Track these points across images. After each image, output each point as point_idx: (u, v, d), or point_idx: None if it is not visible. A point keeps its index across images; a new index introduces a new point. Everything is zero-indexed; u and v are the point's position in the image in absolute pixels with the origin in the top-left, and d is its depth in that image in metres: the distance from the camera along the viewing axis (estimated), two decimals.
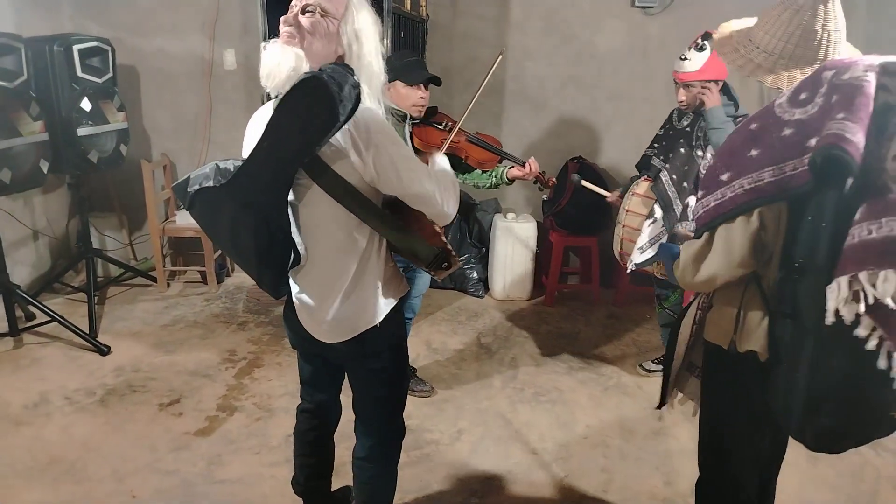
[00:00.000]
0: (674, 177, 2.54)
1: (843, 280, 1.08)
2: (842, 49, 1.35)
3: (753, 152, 1.23)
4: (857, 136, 1.08)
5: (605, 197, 2.88)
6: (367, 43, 1.42)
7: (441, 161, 1.64)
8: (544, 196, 4.07)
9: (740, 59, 1.44)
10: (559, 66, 4.05)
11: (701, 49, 2.46)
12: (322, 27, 1.37)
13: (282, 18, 1.39)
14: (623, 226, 2.69)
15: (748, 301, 1.36)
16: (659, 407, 1.80)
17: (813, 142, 1.14)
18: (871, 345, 1.13)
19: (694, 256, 1.34)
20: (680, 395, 1.83)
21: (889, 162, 1.07)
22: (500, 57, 2.40)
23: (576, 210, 3.87)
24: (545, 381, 3.03)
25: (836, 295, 1.09)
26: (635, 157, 4.11)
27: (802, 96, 1.20)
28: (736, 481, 1.57)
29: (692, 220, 1.43)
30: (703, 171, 2.36)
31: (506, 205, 4.31)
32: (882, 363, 1.13)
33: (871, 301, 1.07)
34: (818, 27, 1.31)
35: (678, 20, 3.86)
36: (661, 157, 2.70)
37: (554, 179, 2.63)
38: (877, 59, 1.16)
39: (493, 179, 2.53)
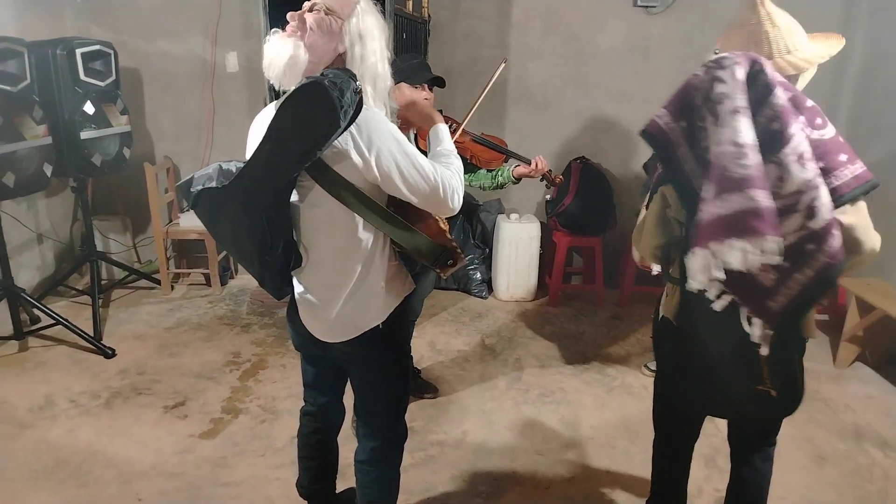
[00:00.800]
0: None
1: (699, 250, 1.25)
2: (797, 39, 1.48)
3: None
4: (662, 119, 1.41)
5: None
6: (371, 44, 1.42)
7: (443, 132, 1.60)
8: (547, 196, 4.08)
9: None
10: (561, 67, 4.04)
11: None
12: (325, 24, 1.38)
13: (288, 14, 1.41)
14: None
15: (676, 274, 1.56)
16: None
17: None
18: (719, 305, 1.32)
19: (636, 230, 1.63)
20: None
21: (726, 145, 1.24)
22: (503, 65, 2.40)
23: (579, 210, 3.87)
24: (550, 382, 3.02)
25: (695, 264, 1.26)
26: (638, 156, 4.14)
27: None
28: (668, 430, 1.86)
29: None
30: None
31: (509, 205, 4.30)
32: (746, 327, 1.32)
33: (719, 270, 1.23)
34: (767, 28, 1.47)
35: (680, 20, 3.86)
36: None
37: (560, 177, 2.61)
38: (714, 57, 1.35)
39: (500, 179, 2.51)
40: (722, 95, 1.27)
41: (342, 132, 1.28)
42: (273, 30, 1.40)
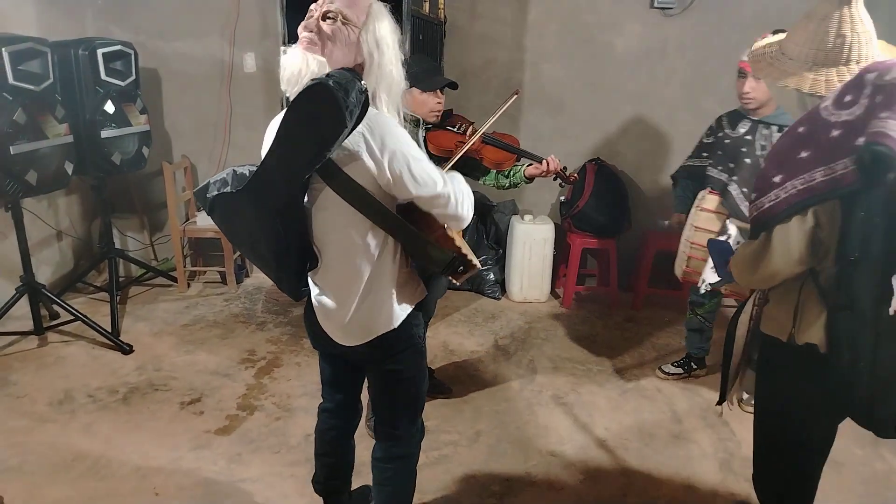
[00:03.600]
0: (744, 190, 2.44)
1: None
2: (873, 49, 1.39)
3: (804, 154, 1.30)
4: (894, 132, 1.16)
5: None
6: (388, 52, 1.42)
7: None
8: (562, 197, 4.07)
9: (774, 72, 1.50)
10: (577, 69, 4.03)
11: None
12: (343, 35, 1.37)
13: (302, 24, 1.39)
14: (691, 244, 2.44)
15: (806, 296, 1.43)
16: (719, 403, 1.85)
17: (861, 141, 1.21)
18: None
19: (753, 257, 1.41)
20: (745, 395, 1.86)
21: None
22: (515, 97, 2.38)
23: (594, 212, 3.86)
24: (563, 384, 3.02)
25: None
26: (653, 158, 4.12)
27: (847, 98, 1.28)
28: (790, 472, 1.62)
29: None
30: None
31: (523, 206, 4.30)
32: None
33: None
34: (846, 31, 1.37)
35: (697, 22, 3.84)
36: (721, 168, 2.60)
37: (575, 174, 2.56)
38: None
39: (512, 179, 2.50)
40: None
41: (349, 132, 1.28)
42: (286, 47, 1.38)
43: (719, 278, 2.36)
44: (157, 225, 4.38)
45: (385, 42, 1.41)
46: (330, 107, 1.22)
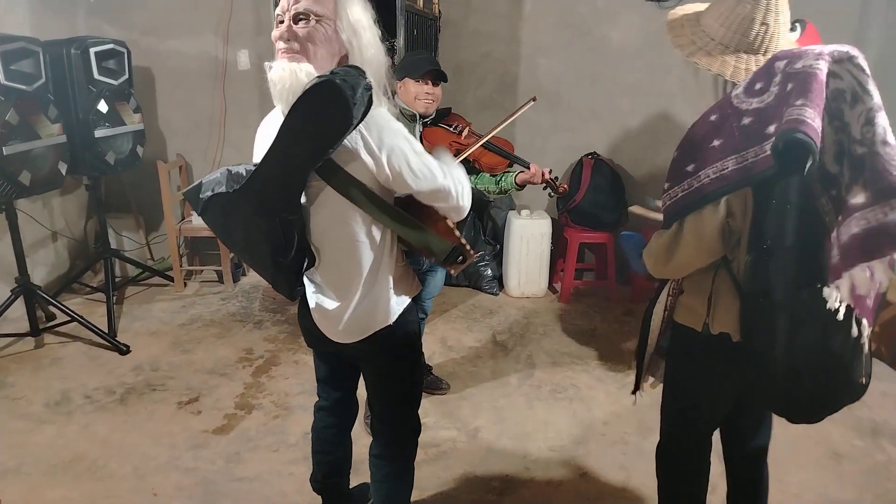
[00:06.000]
0: None
1: (855, 272, 1.08)
2: (783, 42, 1.40)
3: (715, 142, 1.28)
4: (816, 122, 1.12)
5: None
6: (365, 33, 1.39)
7: (443, 153, 1.59)
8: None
9: (686, 42, 1.52)
10: (573, 62, 4.02)
11: (792, 30, 2.42)
12: (320, 33, 1.34)
13: (274, 34, 1.35)
14: None
15: (719, 285, 1.42)
16: (634, 392, 1.83)
17: (772, 128, 1.18)
18: (841, 315, 1.16)
19: (666, 246, 1.38)
20: (651, 379, 1.88)
21: (880, 146, 1.10)
22: (532, 103, 2.37)
23: (591, 206, 3.85)
24: (562, 379, 3.01)
25: (847, 283, 1.10)
26: (651, 152, 4.11)
27: (758, 86, 1.26)
28: (693, 447, 1.73)
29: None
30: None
31: (520, 202, 4.29)
32: (854, 331, 1.21)
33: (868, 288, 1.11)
34: (770, 20, 1.37)
35: None
36: None
37: (565, 186, 2.55)
38: (826, 48, 1.20)
39: (502, 185, 2.49)
40: (867, 91, 1.17)
41: (353, 130, 1.27)
42: (270, 63, 1.35)
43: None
44: (153, 224, 4.36)
45: (360, 24, 1.38)
46: (338, 103, 1.21)
